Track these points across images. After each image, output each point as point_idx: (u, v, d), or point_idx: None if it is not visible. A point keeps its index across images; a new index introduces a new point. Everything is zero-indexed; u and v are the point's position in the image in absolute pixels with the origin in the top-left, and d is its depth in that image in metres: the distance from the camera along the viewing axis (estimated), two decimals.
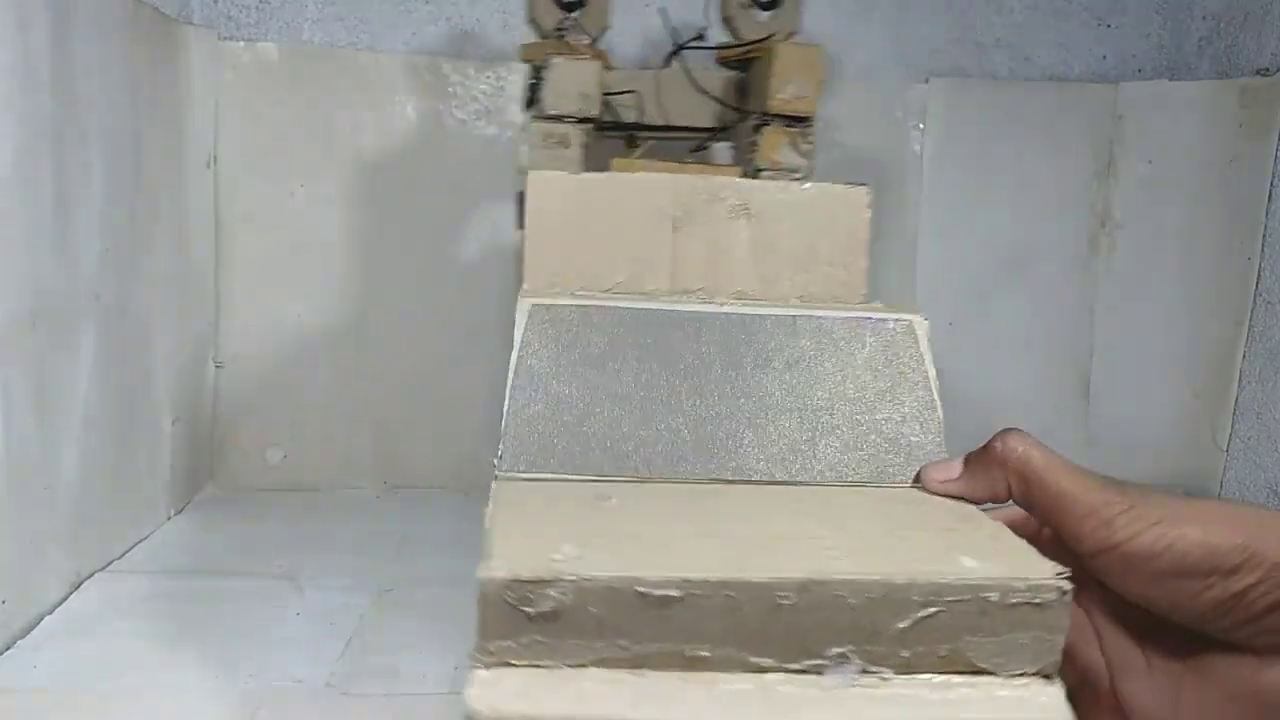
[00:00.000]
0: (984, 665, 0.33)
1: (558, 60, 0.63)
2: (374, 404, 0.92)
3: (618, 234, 0.51)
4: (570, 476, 0.40)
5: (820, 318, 0.47)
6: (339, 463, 0.91)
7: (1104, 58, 1.00)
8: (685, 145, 0.78)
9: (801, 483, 0.42)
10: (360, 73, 0.89)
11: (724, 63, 0.76)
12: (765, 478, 0.42)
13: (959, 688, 0.33)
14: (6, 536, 0.56)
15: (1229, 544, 0.31)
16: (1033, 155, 0.99)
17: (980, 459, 0.39)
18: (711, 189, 0.52)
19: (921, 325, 0.48)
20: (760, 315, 0.46)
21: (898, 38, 0.98)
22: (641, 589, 0.31)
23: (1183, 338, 0.96)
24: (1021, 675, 0.33)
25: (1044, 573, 0.32)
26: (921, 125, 0.98)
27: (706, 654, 0.32)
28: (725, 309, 0.46)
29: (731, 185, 0.52)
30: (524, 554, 0.31)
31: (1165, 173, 0.97)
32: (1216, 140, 0.93)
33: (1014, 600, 0.32)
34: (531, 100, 0.66)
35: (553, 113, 0.63)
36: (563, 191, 0.50)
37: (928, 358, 0.47)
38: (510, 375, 0.42)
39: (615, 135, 0.71)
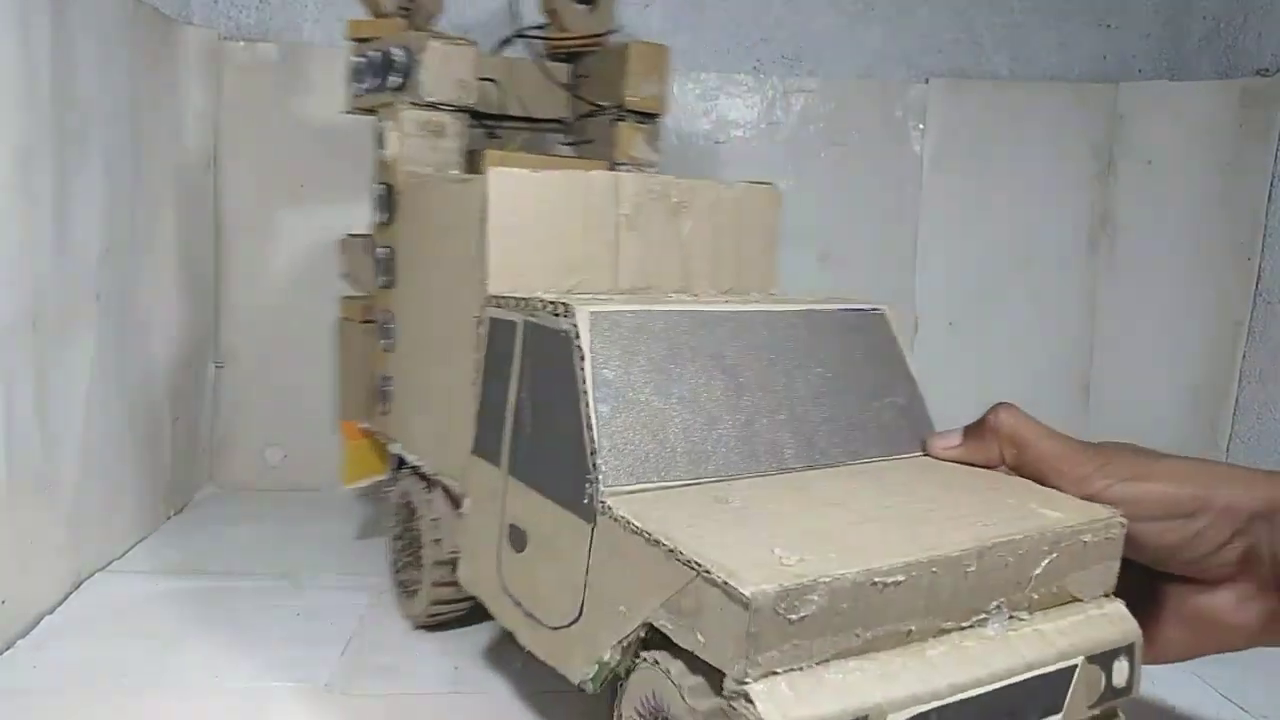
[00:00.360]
0: (1078, 594, 0.40)
1: (434, 44, 0.59)
2: None
3: (573, 231, 0.51)
4: (670, 484, 0.41)
5: (825, 310, 0.50)
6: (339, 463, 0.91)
7: (1104, 58, 1.00)
8: (537, 136, 0.76)
9: (846, 463, 0.46)
10: None
11: (554, 55, 0.75)
12: (821, 462, 0.45)
13: (1069, 615, 0.39)
14: (6, 536, 0.56)
15: (1185, 494, 0.38)
16: (1033, 155, 0.99)
17: (977, 430, 0.45)
18: (658, 187, 0.53)
19: (891, 313, 0.52)
20: (780, 310, 0.48)
21: (898, 38, 0.98)
22: (877, 579, 0.34)
23: (1183, 338, 0.96)
24: (1100, 597, 0.40)
25: (1108, 513, 0.40)
26: (921, 125, 0.98)
27: (914, 627, 0.35)
28: (750, 307, 0.48)
29: (673, 184, 0.54)
30: (758, 563, 0.33)
31: (1165, 173, 0.97)
32: (1216, 140, 0.93)
33: (1095, 538, 0.39)
34: (381, 84, 0.62)
35: (429, 99, 0.59)
36: (520, 190, 0.49)
37: (900, 340, 0.52)
38: (589, 388, 0.41)
39: (471, 125, 0.66)
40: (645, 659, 0.38)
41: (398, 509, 0.64)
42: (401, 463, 0.63)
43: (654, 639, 0.37)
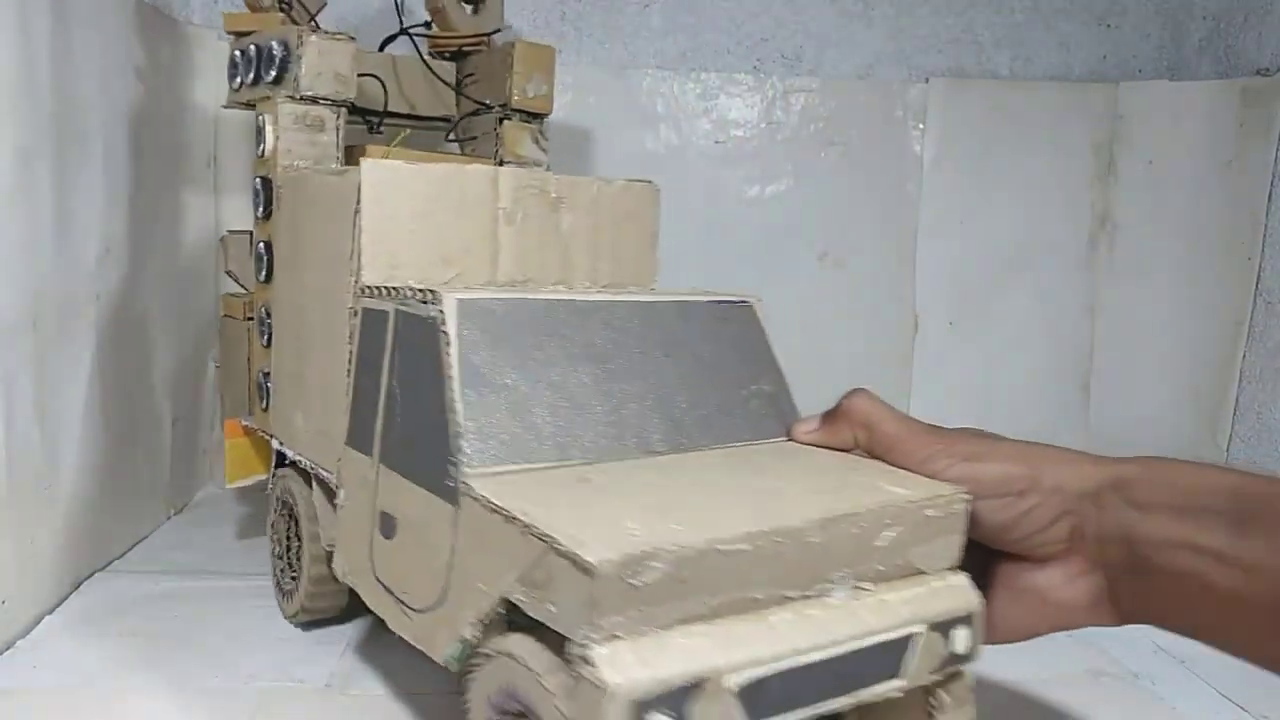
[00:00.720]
0: (922, 567, 0.42)
1: (312, 38, 0.59)
2: None
3: (451, 224, 0.51)
4: (535, 466, 0.42)
5: (695, 301, 0.51)
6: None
7: (1104, 58, 1.00)
8: (422, 133, 0.77)
9: (711, 446, 0.47)
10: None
11: (439, 53, 0.75)
12: (686, 446, 0.46)
13: (913, 586, 0.41)
14: (6, 536, 0.56)
15: (1017, 473, 0.41)
16: (1033, 155, 0.99)
17: (833, 416, 0.48)
18: (537, 183, 0.54)
19: (758, 305, 0.53)
20: (651, 302, 0.50)
21: (898, 38, 0.98)
22: (721, 548, 0.35)
23: (1183, 338, 0.96)
24: (944, 570, 0.42)
25: (951, 490, 0.42)
26: (922, 125, 0.99)
27: (759, 595, 0.37)
28: (622, 298, 0.49)
29: (552, 180, 0.55)
30: (606, 534, 0.34)
31: (1165, 173, 0.97)
32: (1216, 140, 0.93)
33: (938, 513, 0.41)
34: (256, 78, 0.62)
35: (307, 94, 0.59)
36: (396, 184, 0.50)
37: (767, 331, 0.53)
38: (454, 373, 0.42)
39: (351, 120, 0.67)
40: (490, 653, 0.38)
41: (276, 507, 0.64)
42: (282, 459, 0.63)
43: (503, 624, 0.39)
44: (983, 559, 0.43)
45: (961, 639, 0.41)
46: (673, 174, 0.96)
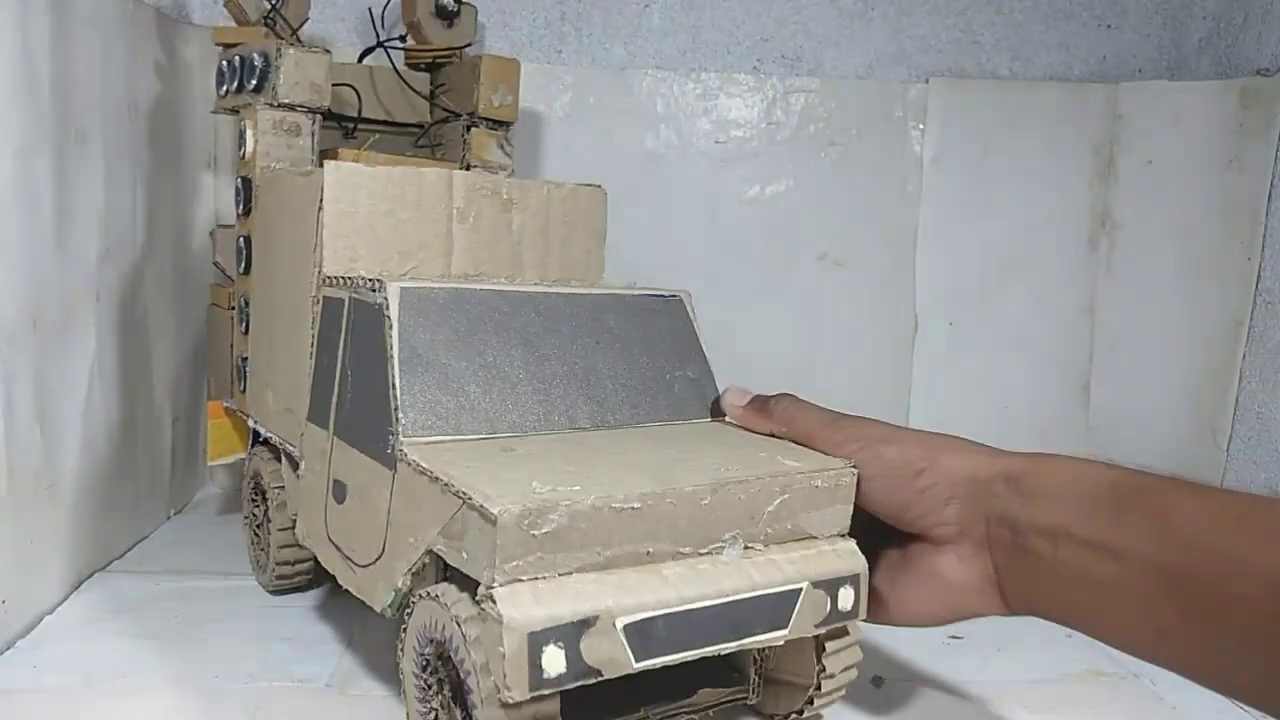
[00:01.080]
0: (812, 532, 0.47)
1: (290, 51, 0.64)
2: None
3: (408, 222, 0.56)
4: (466, 437, 0.46)
5: (626, 295, 0.56)
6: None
7: (1104, 58, 1.00)
8: (396, 138, 0.82)
9: (636, 424, 0.52)
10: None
11: (414, 65, 0.80)
12: (610, 424, 0.51)
13: (802, 549, 0.46)
14: (7, 537, 0.56)
15: (915, 456, 0.45)
16: (1033, 155, 0.99)
17: (763, 405, 0.53)
18: (489, 185, 0.58)
19: (688, 298, 0.58)
20: (583, 294, 0.55)
21: (898, 38, 0.98)
22: (616, 505, 0.40)
23: (1183, 338, 0.96)
24: (833, 536, 0.47)
25: (840, 464, 0.47)
26: (922, 125, 0.98)
27: (651, 549, 0.42)
28: (556, 290, 0.54)
29: (504, 182, 0.59)
30: (513, 491, 0.39)
31: (1165, 173, 0.97)
32: (1216, 140, 0.93)
33: (826, 483, 0.46)
34: (239, 86, 0.66)
35: (285, 101, 0.64)
36: (356, 184, 0.54)
37: (696, 323, 0.58)
38: (395, 352, 0.46)
39: (329, 126, 0.73)
40: (420, 595, 0.43)
41: (249, 485, 0.69)
42: (257, 437, 0.67)
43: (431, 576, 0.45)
44: (895, 545, 0.48)
45: (846, 597, 0.46)
46: (673, 174, 0.97)
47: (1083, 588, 0.39)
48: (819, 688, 0.50)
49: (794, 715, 0.51)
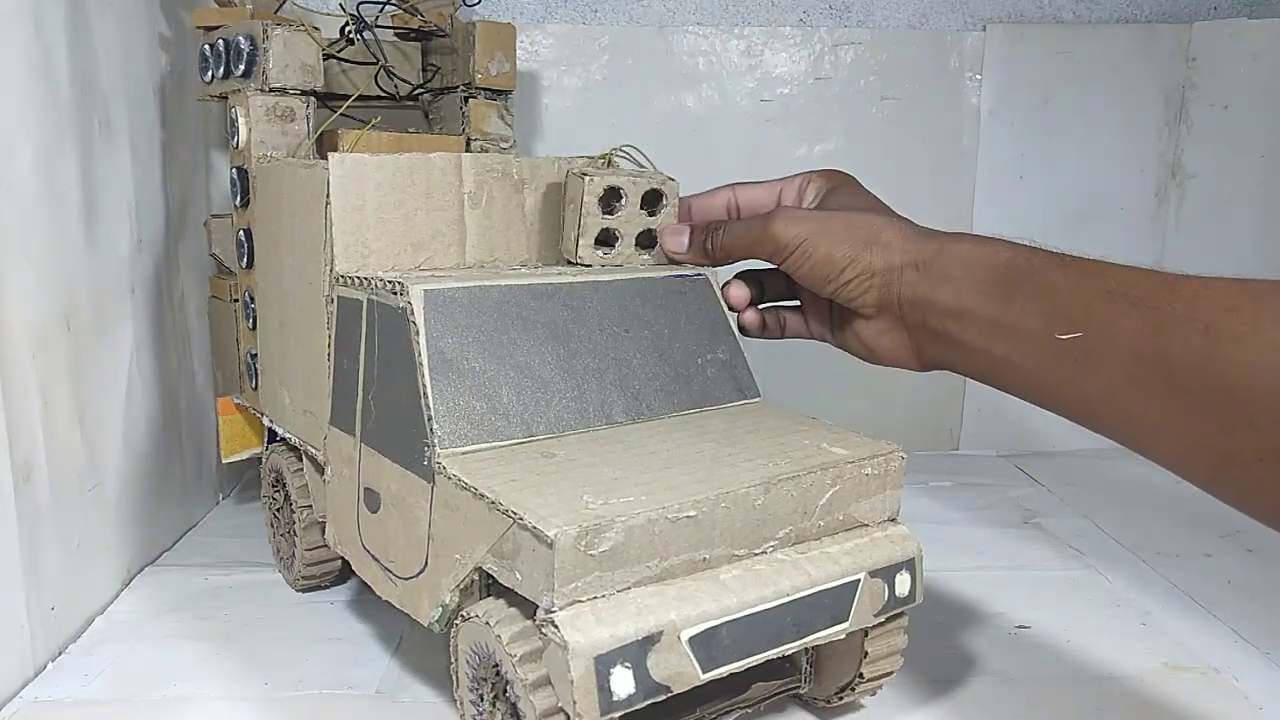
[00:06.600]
0: (863, 520, 0.47)
1: (277, 30, 0.60)
2: None
3: (418, 211, 0.53)
4: (503, 443, 0.45)
5: (651, 278, 0.54)
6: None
7: None
8: (393, 113, 0.77)
9: (670, 414, 0.51)
10: None
11: (404, 35, 0.76)
12: (645, 416, 0.50)
13: (855, 538, 0.46)
14: (53, 543, 0.56)
15: (840, 255, 0.49)
16: (1098, 104, 0.93)
17: (702, 251, 0.56)
18: (499, 166, 0.56)
19: (713, 276, 0.56)
20: (608, 280, 0.53)
21: None
22: (671, 515, 0.39)
23: None
24: (884, 521, 0.48)
25: (889, 448, 0.47)
26: (979, 76, 0.93)
27: (708, 555, 0.41)
28: (580, 278, 0.52)
29: (514, 161, 0.56)
30: (565, 508, 0.38)
31: (1241, 118, 0.91)
32: None
33: (876, 470, 0.46)
34: (226, 72, 0.63)
35: (277, 85, 0.61)
36: (362, 175, 0.51)
37: (722, 301, 0.56)
38: (424, 360, 0.45)
39: (324, 106, 0.68)
40: (466, 616, 0.42)
41: (270, 482, 0.68)
42: (273, 435, 0.66)
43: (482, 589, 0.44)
44: (841, 314, 0.53)
45: (903, 583, 0.47)
46: (716, 135, 0.93)
47: (986, 359, 0.44)
48: (861, 675, 0.49)
49: (834, 699, 0.51)
